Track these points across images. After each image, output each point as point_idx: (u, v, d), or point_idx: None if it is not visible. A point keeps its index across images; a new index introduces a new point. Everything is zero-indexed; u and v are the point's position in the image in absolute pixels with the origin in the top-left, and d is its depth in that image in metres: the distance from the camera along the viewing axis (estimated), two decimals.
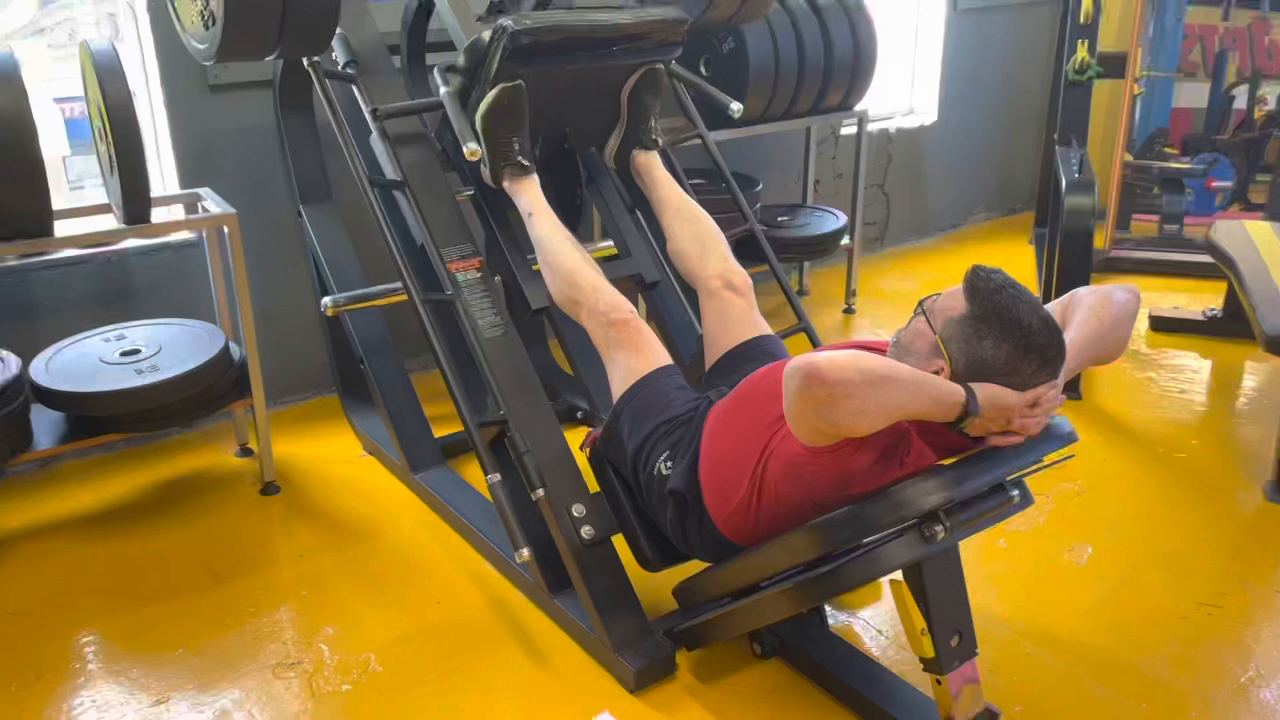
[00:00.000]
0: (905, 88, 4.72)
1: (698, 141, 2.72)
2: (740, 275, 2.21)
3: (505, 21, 2.08)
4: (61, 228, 2.36)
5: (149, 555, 2.43)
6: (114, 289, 2.82)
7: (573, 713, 1.91)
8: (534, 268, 2.25)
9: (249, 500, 2.67)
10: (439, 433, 2.81)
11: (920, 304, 1.63)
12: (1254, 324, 2.76)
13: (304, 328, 3.15)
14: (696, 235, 2.27)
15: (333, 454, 2.91)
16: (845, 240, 3.79)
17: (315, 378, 3.22)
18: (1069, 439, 1.65)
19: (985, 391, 1.50)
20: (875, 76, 3.63)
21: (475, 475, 2.68)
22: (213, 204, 2.57)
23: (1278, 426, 2.68)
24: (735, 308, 2.15)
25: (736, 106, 2.48)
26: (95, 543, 2.48)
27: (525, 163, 2.20)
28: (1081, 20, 3.62)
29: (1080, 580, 2.33)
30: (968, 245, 4.83)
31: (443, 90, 2.19)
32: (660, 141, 2.44)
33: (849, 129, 4.20)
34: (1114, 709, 1.92)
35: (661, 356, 2.03)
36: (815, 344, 2.45)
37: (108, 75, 2.19)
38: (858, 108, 3.71)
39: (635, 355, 2.01)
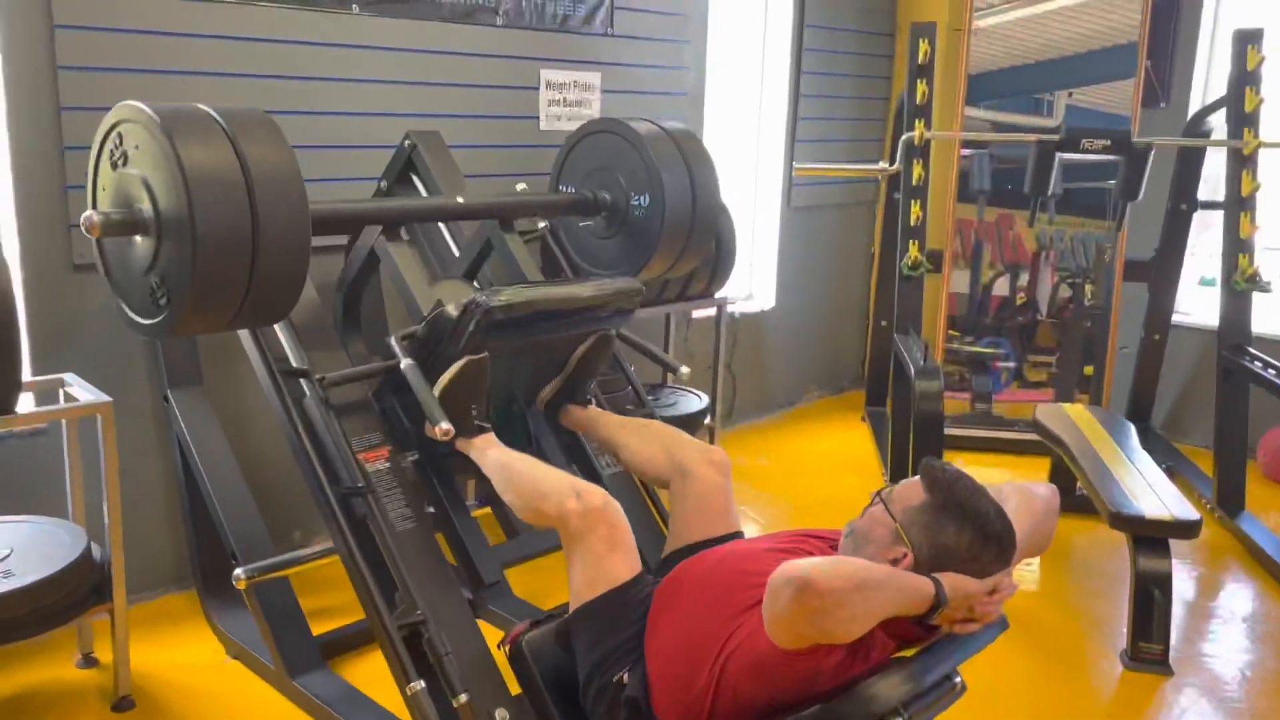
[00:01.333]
0: (745, 275, 5.01)
1: None
2: (720, 452, 2.17)
3: (479, 298, 2.09)
4: None
5: None
6: None
7: None
8: (475, 513, 2.20)
9: None
10: (316, 630, 2.63)
11: (876, 494, 1.72)
12: (1097, 502, 3.02)
13: (155, 520, 2.92)
14: (653, 435, 2.24)
15: (193, 660, 2.66)
16: (707, 420, 3.91)
17: (167, 573, 2.97)
18: (1002, 625, 1.74)
19: (949, 581, 1.58)
20: (734, 268, 3.85)
21: (362, 677, 2.51)
22: (80, 390, 2.39)
23: (1126, 597, 2.90)
24: (716, 489, 2.09)
25: (685, 370, 2.57)
26: None
27: (483, 425, 2.18)
28: (912, 223, 4.01)
29: None
30: (808, 422, 5.07)
31: (404, 362, 2.13)
32: (592, 400, 2.48)
33: (700, 313, 4.40)
34: None
35: (636, 561, 1.93)
36: None
37: None
38: (718, 295, 3.91)
39: (609, 551, 1.88)
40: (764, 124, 4.85)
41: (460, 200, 2.54)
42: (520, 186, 2.94)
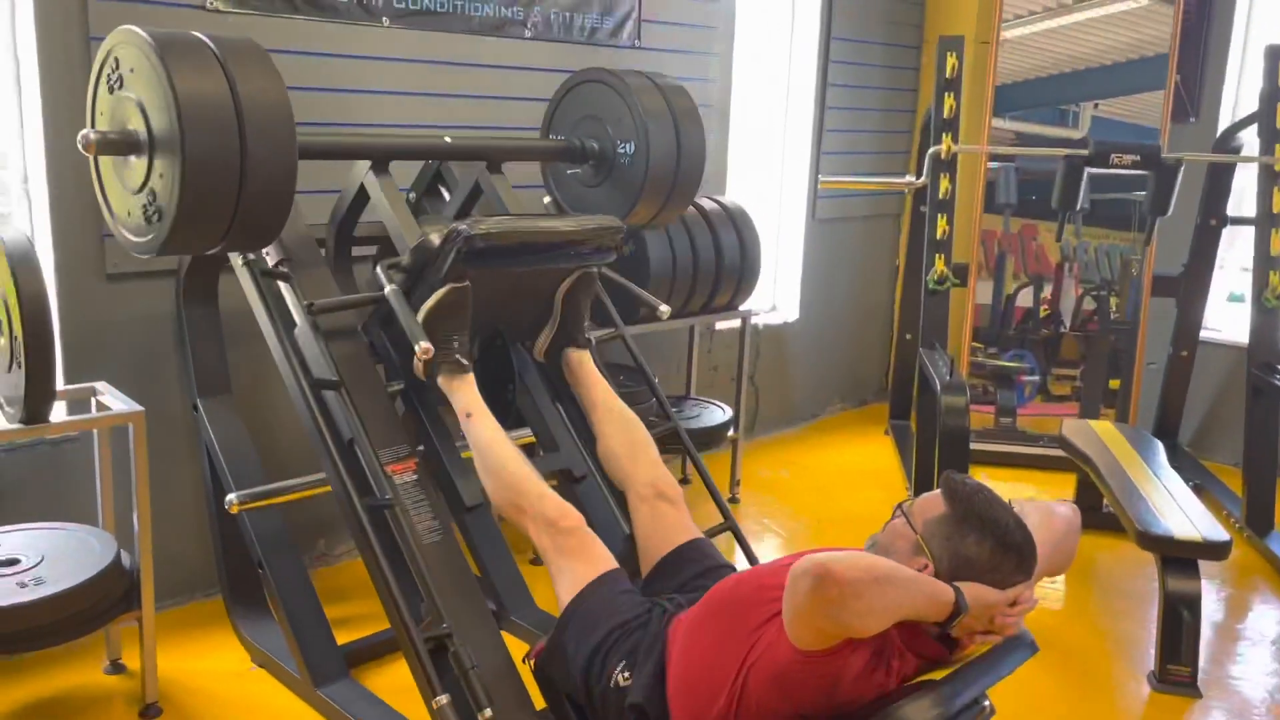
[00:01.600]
0: (769, 287, 5.00)
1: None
2: (672, 485, 2.25)
3: (461, 226, 2.12)
4: None
5: None
6: None
7: None
8: (464, 454, 2.24)
9: None
10: (340, 639, 2.64)
11: (898, 506, 1.72)
12: (1124, 521, 2.99)
13: (183, 527, 2.94)
14: (628, 439, 2.31)
15: (219, 667, 2.67)
16: (730, 432, 3.90)
17: (192, 580, 2.99)
18: (1032, 648, 1.73)
19: (970, 590, 1.57)
20: (759, 279, 3.85)
21: (386, 687, 2.52)
22: (112, 399, 2.41)
23: (1152, 617, 2.88)
24: (668, 515, 2.18)
25: (665, 309, 2.59)
26: None
27: (464, 361, 2.21)
28: (938, 236, 3.99)
29: None
30: (830, 435, 5.05)
31: (388, 288, 2.19)
32: (592, 340, 2.50)
33: (724, 325, 4.39)
34: None
35: (608, 561, 2.01)
36: (743, 543, 2.49)
37: (23, 267, 2.06)
38: (742, 307, 3.91)
39: (583, 562, 1.99)
40: (789, 136, 4.85)
41: (448, 139, 2.59)
42: (546, 200, 2.95)
